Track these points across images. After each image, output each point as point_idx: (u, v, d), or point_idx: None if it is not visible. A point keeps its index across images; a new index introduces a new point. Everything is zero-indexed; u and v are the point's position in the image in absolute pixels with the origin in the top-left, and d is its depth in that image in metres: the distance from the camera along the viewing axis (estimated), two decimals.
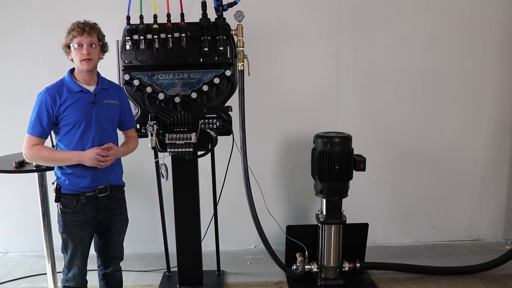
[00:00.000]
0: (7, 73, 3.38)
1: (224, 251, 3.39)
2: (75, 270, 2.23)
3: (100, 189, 2.17)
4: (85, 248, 2.22)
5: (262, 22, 3.26)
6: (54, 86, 2.14)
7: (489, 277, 3.06)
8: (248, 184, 2.69)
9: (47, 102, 2.07)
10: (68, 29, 2.10)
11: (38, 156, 2.09)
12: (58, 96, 2.09)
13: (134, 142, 2.39)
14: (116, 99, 2.26)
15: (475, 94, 3.51)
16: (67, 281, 2.25)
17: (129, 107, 2.39)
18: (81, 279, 2.25)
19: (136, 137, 2.43)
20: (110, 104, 2.21)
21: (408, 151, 3.56)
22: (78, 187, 2.13)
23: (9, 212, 3.57)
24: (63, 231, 2.18)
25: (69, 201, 2.13)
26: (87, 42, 2.07)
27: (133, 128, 2.42)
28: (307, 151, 2.97)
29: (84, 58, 2.07)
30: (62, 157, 2.10)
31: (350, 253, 3.03)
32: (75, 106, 2.09)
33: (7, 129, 3.43)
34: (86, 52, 2.06)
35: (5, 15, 3.31)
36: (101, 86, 2.19)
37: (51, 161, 2.13)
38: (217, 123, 2.68)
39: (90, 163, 2.08)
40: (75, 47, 2.07)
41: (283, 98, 3.44)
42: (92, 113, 2.12)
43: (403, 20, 3.40)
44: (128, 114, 2.37)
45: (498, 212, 3.70)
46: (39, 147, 2.09)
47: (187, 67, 2.66)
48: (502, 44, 3.45)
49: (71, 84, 2.13)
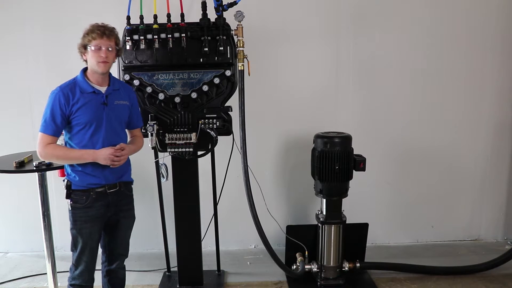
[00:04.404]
0: (7, 73, 3.39)
1: (224, 251, 3.40)
2: (83, 267, 2.23)
3: (110, 185, 2.22)
4: (94, 244, 2.24)
5: (262, 22, 3.26)
6: (67, 85, 2.15)
7: (489, 277, 3.06)
8: (248, 184, 2.70)
9: (61, 101, 2.09)
10: (86, 30, 2.12)
11: (53, 154, 2.13)
12: (71, 95, 2.11)
13: (140, 141, 2.44)
14: (126, 100, 2.30)
15: (475, 94, 3.51)
16: (74, 278, 2.26)
17: (137, 107, 2.43)
18: (88, 276, 2.26)
19: (141, 136, 2.47)
20: (120, 105, 2.25)
21: (408, 151, 3.56)
22: (87, 183, 2.17)
23: (9, 212, 3.57)
24: (72, 227, 2.21)
25: (79, 197, 2.17)
26: (106, 45, 2.10)
27: (139, 128, 2.46)
28: (307, 151, 2.97)
29: (102, 60, 2.10)
30: (77, 155, 2.14)
31: (350, 253, 3.03)
32: (87, 107, 2.12)
33: (7, 129, 3.44)
34: (104, 55, 2.10)
35: (5, 15, 3.31)
36: (112, 87, 2.22)
37: (65, 159, 2.17)
38: (217, 123, 2.69)
39: (104, 162, 2.13)
40: (93, 49, 2.09)
41: (283, 98, 3.44)
42: (103, 114, 2.16)
43: (403, 20, 3.40)
44: (136, 114, 2.41)
45: (498, 212, 3.70)
46: (53, 146, 2.12)
47: (187, 67, 2.66)
48: (502, 44, 3.45)
49: (84, 85, 2.15)
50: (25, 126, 3.44)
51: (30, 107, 3.43)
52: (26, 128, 3.43)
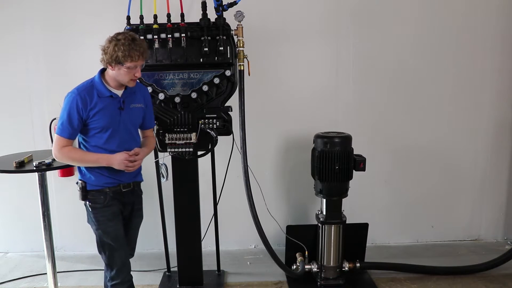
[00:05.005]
0: (7, 73, 3.38)
1: (224, 251, 3.39)
2: (119, 264, 2.23)
3: (124, 184, 2.23)
4: (122, 239, 2.24)
5: (262, 22, 3.25)
6: (85, 87, 2.11)
7: (489, 277, 3.06)
8: (248, 184, 2.70)
9: (78, 105, 2.07)
10: (122, 45, 2.00)
11: (68, 157, 2.13)
12: (89, 99, 2.08)
13: (153, 141, 2.43)
14: (142, 102, 2.28)
15: (475, 93, 3.51)
16: (113, 279, 2.24)
17: (151, 108, 2.41)
18: (126, 271, 2.26)
19: (154, 136, 2.47)
20: (136, 108, 2.24)
21: (408, 151, 3.56)
22: (103, 183, 2.18)
23: (9, 212, 3.57)
24: (97, 227, 2.19)
25: (97, 197, 2.17)
26: (140, 65, 2.10)
27: (151, 128, 2.46)
28: (307, 151, 2.97)
29: (134, 79, 2.11)
30: (92, 159, 2.13)
31: (350, 253, 3.03)
32: (104, 112, 2.10)
33: (7, 129, 3.44)
34: (139, 75, 2.11)
35: (5, 15, 3.30)
36: (129, 90, 2.20)
37: (81, 162, 2.16)
38: (217, 123, 2.69)
39: (118, 167, 2.13)
40: (128, 68, 2.05)
41: (283, 98, 3.44)
42: (119, 118, 2.15)
43: (403, 20, 3.40)
44: (150, 115, 2.39)
45: (498, 212, 3.70)
46: (69, 148, 2.11)
47: (187, 67, 2.66)
48: (502, 44, 3.44)
49: (101, 88, 2.12)
50: (25, 126, 3.44)
51: (30, 107, 3.42)
52: (26, 128, 3.43)
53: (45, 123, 3.37)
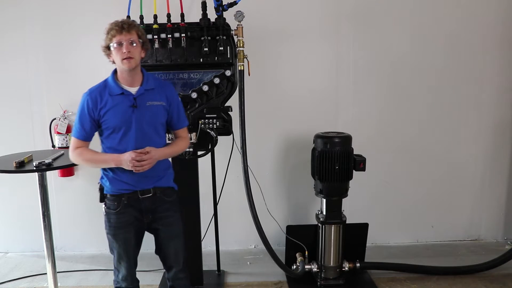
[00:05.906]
0: (7, 73, 3.38)
1: (224, 251, 3.39)
2: (124, 272, 2.19)
3: (143, 190, 2.11)
4: (130, 250, 2.17)
5: (262, 22, 3.25)
6: (97, 88, 2.07)
7: (489, 277, 3.06)
8: (248, 184, 2.70)
9: (89, 106, 2.03)
10: (106, 29, 2.01)
11: (80, 158, 2.08)
12: (99, 99, 2.03)
13: (181, 143, 2.26)
14: (163, 100, 2.13)
15: (475, 94, 3.51)
16: (119, 282, 2.23)
17: (178, 106, 2.23)
18: (131, 279, 2.22)
19: (185, 137, 2.30)
20: (153, 106, 2.09)
21: (408, 151, 3.56)
22: (119, 189, 2.09)
23: (9, 212, 3.57)
24: (108, 231, 2.16)
25: (111, 202, 2.11)
26: (127, 40, 1.97)
27: (183, 128, 2.28)
28: (307, 151, 2.97)
29: (125, 57, 1.97)
30: (102, 159, 2.07)
31: (350, 253, 3.03)
32: (115, 111, 2.03)
33: (7, 129, 3.44)
34: (127, 51, 1.96)
35: (5, 15, 3.30)
36: (145, 87, 2.09)
37: (92, 163, 2.11)
38: (217, 123, 2.69)
39: (126, 166, 2.02)
40: (115, 47, 1.98)
41: (283, 98, 3.44)
42: (132, 117, 2.04)
43: (403, 20, 3.40)
44: (177, 113, 2.21)
45: (498, 212, 3.70)
46: (81, 149, 2.07)
47: (187, 67, 2.66)
48: (502, 44, 3.45)
49: (113, 86, 2.06)
50: (25, 126, 3.44)
51: (30, 107, 3.42)
52: (26, 128, 3.43)
53: (45, 123, 3.38)
